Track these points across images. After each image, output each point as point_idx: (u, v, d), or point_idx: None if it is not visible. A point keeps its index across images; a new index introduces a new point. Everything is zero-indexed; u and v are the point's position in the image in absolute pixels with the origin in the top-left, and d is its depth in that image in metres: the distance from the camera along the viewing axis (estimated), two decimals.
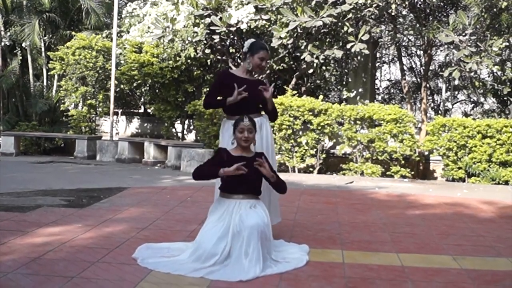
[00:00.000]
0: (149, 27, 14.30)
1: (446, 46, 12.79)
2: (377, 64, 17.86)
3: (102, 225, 5.57)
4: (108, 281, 3.82)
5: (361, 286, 3.90)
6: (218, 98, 5.01)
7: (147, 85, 14.69)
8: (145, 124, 17.06)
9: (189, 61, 13.22)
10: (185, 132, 15.46)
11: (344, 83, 15.02)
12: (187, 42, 12.69)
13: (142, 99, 17.34)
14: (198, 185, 7.92)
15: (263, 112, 5.10)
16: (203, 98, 6.30)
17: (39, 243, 4.74)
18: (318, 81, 14.79)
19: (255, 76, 5.39)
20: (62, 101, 16.38)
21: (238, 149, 4.56)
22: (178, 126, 15.28)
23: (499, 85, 14.43)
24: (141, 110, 18.85)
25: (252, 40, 5.17)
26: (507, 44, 11.29)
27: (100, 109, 16.13)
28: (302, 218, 6.27)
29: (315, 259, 4.55)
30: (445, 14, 12.98)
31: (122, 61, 15.00)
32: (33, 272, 3.93)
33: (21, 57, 18.45)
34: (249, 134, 4.47)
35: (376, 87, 18.23)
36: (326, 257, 4.61)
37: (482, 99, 18.48)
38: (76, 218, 5.89)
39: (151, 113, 16.13)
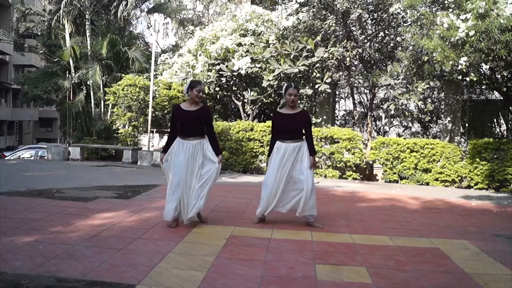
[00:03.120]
0: (176, 71, 14.35)
1: (385, 87, 12.86)
2: (336, 99, 17.85)
3: (142, 212, 5.56)
4: (146, 252, 3.81)
5: (324, 257, 3.91)
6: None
7: None
8: None
9: (204, 95, 13.20)
10: None
11: (313, 112, 15.05)
12: (203, 82, 12.70)
13: None
14: None
15: (304, 137, 5.11)
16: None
17: (97, 224, 4.74)
18: None
19: (297, 109, 5.11)
20: (114, 123, 16.34)
21: (190, 103, 4.84)
22: None
23: (422, 115, 14.55)
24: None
25: (286, 84, 5.15)
26: (428, 86, 11.35)
27: (140, 129, 16.02)
28: None
29: (292, 237, 4.56)
30: (384, 64, 13.02)
31: (157, 95, 14.95)
32: (93, 245, 3.93)
33: (85, 91, 18.58)
34: (202, 94, 4.86)
35: (335, 115, 18.20)
36: (300, 236, 4.62)
37: (410, 124, 18.51)
38: (123, 206, 5.88)
39: None
